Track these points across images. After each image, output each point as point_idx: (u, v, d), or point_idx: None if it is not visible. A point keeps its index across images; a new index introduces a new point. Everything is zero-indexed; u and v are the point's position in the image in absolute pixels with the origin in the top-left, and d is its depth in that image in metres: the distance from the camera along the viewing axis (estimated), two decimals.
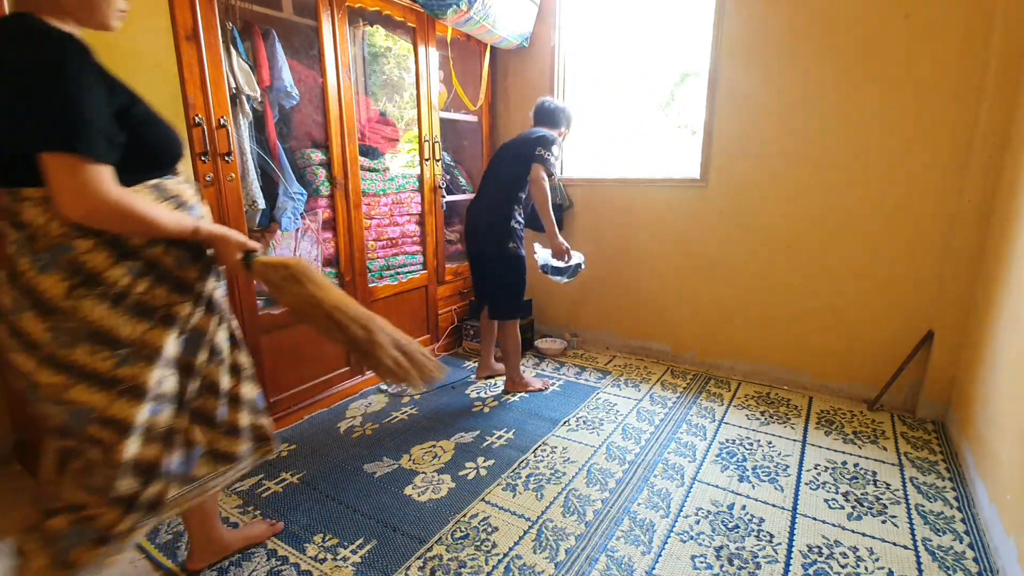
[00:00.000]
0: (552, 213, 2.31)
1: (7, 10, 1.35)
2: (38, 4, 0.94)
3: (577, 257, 2.40)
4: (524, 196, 2.35)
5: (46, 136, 0.87)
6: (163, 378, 1.04)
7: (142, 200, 0.97)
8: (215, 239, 1.11)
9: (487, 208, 2.38)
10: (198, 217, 1.10)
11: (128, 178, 0.97)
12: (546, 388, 2.56)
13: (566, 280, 2.42)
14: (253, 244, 1.16)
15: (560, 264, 2.38)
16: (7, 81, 0.88)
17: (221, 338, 1.18)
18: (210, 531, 1.40)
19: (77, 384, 0.97)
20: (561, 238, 2.35)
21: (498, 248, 2.32)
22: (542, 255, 2.45)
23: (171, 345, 1.05)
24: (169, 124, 1.08)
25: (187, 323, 1.08)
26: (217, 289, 1.17)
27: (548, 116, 2.47)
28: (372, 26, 2.56)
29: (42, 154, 0.87)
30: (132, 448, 1.01)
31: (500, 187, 2.37)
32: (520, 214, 2.36)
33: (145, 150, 1.02)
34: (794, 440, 2.10)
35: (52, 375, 0.96)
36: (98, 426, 0.99)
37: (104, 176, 0.91)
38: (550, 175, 2.29)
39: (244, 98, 1.93)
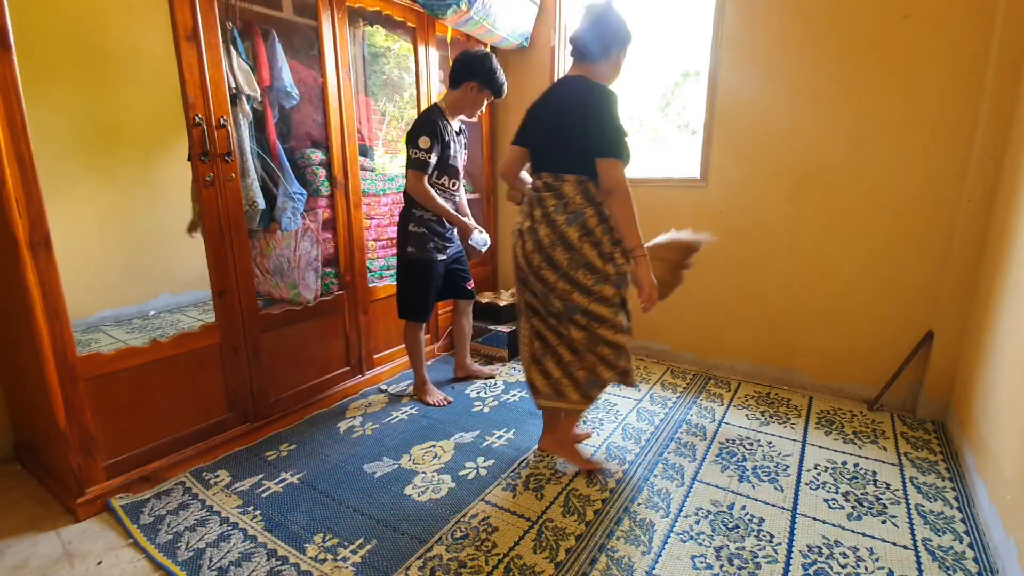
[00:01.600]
0: (444, 205, 2.18)
1: (7, 11, 1.35)
2: (585, 71, 1.67)
3: (482, 236, 2.33)
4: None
5: (607, 150, 1.58)
6: (618, 295, 1.71)
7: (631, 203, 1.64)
8: None
9: (401, 210, 2.31)
10: None
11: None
12: (440, 405, 2.38)
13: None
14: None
15: (477, 242, 2.32)
16: (587, 113, 1.59)
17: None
18: (568, 430, 1.90)
19: (575, 291, 1.67)
20: (464, 220, 2.28)
21: (400, 252, 2.27)
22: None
23: (614, 278, 1.69)
24: None
25: (621, 266, 1.70)
26: None
27: (450, 78, 2.22)
28: (372, 26, 2.57)
29: (599, 158, 1.58)
30: (606, 332, 1.71)
31: (406, 188, 2.22)
32: (420, 216, 2.22)
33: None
34: (794, 440, 2.10)
35: (565, 284, 1.68)
36: (581, 315, 1.69)
37: (624, 172, 1.60)
38: (428, 174, 2.13)
39: (244, 98, 1.93)
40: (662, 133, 3.07)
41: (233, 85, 1.88)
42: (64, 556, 1.50)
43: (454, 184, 2.29)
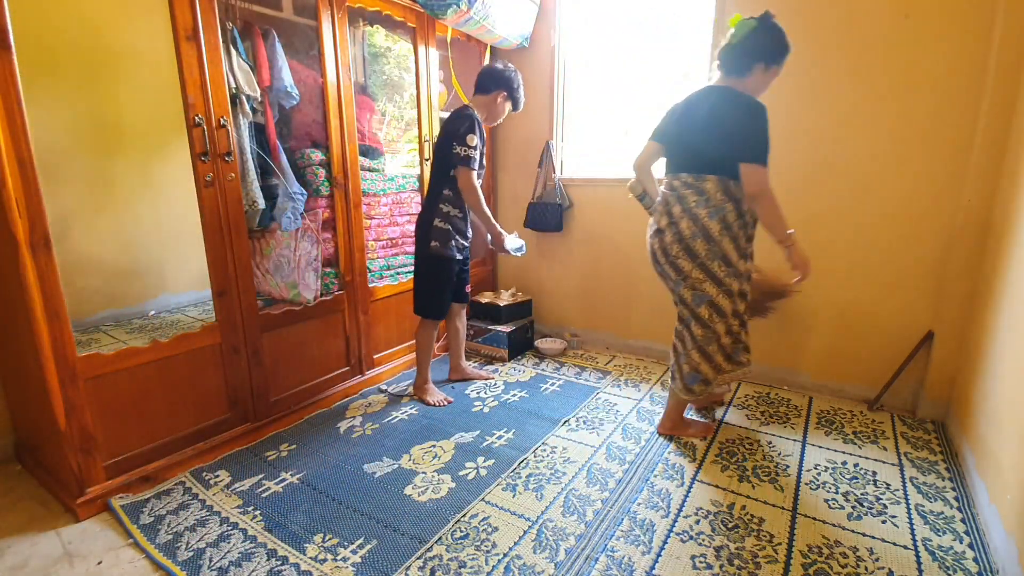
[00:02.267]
0: (487, 209, 2.21)
1: (7, 11, 1.35)
2: (731, 83, 1.77)
3: (517, 241, 2.35)
4: (454, 193, 2.22)
5: (751, 155, 1.67)
6: (741, 290, 1.86)
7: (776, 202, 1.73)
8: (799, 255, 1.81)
9: (423, 206, 2.32)
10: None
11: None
12: (440, 405, 2.39)
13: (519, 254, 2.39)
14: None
15: (512, 247, 2.33)
16: (731, 121, 1.69)
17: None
18: (679, 413, 2.11)
19: (707, 280, 1.82)
20: (499, 228, 2.27)
21: (422, 247, 2.28)
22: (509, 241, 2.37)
23: (745, 273, 1.86)
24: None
25: (749, 268, 1.86)
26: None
27: (480, 84, 2.30)
28: (372, 26, 2.57)
29: (743, 164, 1.68)
30: (720, 328, 1.87)
31: (431, 183, 2.28)
32: (446, 213, 2.23)
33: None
34: (794, 440, 2.10)
35: (699, 273, 1.83)
36: (706, 307, 1.84)
37: (768, 177, 1.68)
38: (476, 171, 2.18)
39: (244, 98, 1.93)
40: None
41: (233, 85, 1.88)
42: (64, 556, 1.50)
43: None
